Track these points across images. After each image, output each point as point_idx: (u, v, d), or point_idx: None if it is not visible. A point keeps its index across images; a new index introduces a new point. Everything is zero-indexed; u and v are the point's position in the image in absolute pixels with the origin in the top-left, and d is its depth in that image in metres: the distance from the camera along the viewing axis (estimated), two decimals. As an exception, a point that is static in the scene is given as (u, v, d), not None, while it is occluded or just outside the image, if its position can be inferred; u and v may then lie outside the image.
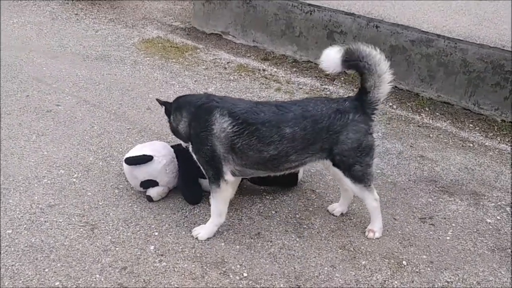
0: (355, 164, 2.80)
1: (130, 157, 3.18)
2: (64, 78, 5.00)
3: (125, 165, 3.22)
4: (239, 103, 2.85)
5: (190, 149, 2.94)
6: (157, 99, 3.20)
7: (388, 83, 2.71)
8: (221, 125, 2.73)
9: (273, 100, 4.58)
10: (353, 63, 2.67)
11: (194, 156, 2.91)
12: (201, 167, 2.89)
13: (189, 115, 2.88)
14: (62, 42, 5.98)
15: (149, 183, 3.18)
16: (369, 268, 2.80)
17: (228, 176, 2.84)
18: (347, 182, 2.88)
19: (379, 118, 4.39)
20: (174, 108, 3.02)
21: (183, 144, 3.18)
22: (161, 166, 3.19)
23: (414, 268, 2.82)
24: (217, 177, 2.82)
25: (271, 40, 5.93)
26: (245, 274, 2.71)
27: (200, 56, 5.85)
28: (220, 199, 2.88)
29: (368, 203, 2.98)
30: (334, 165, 2.84)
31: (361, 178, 2.85)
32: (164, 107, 3.11)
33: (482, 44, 4.48)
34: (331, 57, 2.72)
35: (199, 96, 3.02)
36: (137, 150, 3.24)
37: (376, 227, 3.05)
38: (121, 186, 3.39)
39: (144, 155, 3.16)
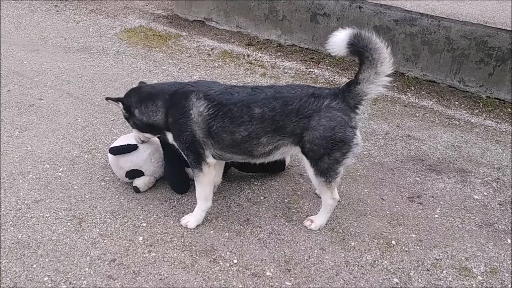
0: (324, 156, 2.66)
1: (114, 146, 3.15)
2: (45, 71, 4.92)
3: (110, 156, 3.18)
4: (213, 85, 2.80)
5: (170, 138, 2.90)
6: (107, 98, 3.04)
7: (382, 85, 2.57)
8: (198, 109, 2.70)
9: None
10: (358, 49, 2.47)
11: (175, 144, 2.88)
12: (182, 153, 2.87)
13: (165, 103, 2.82)
14: (43, 35, 5.88)
15: (134, 173, 3.15)
16: (359, 249, 2.81)
17: (210, 159, 2.81)
18: (310, 172, 2.76)
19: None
20: (137, 101, 2.92)
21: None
22: (146, 155, 3.16)
23: (403, 247, 2.84)
24: (199, 162, 2.80)
25: (254, 25, 5.88)
26: (235, 261, 2.71)
27: (183, 43, 5.79)
28: (205, 183, 2.86)
29: (324, 199, 2.88)
30: (302, 152, 2.74)
31: (325, 172, 2.71)
32: (121, 103, 2.98)
33: (465, 21, 4.48)
34: (338, 39, 2.50)
35: (166, 84, 2.97)
36: (121, 141, 3.20)
37: (317, 220, 2.95)
38: (107, 178, 3.36)
39: (128, 144, 3.13)
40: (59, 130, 3.91)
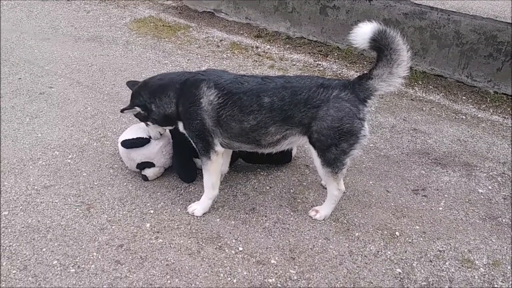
0: (331, 146, 2.67)
1: (127, 140, 3.16)
2: (56, 60, 4.97)
3: (121, 148, 3.21)
4: (224, 74, 2.82)
5: (181, 127, 2.93)
6: (122, 110, 3.04)
7: (393, 85, 2.61)
8: (208, 97, 2.73)
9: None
10: (379, 46, 2.50)
11: (185, 132, 2.91)
12: (191, 141, 2.90)
13: (176, 92, 2.84)
14: (53, 24, 5.93)
15: (145, 165, 3.19)
16: (363, 240, 2.84)
17: (218, 147, 2.85)
18: (317, 162, 2.77)
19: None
20: (150, 96, 2.91)
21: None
22: (158, 148, 3.19)
23: (407, 238, 2.87)
24: (207, 150, 2.84)
25: (264, 17, 5.89)
26: (240, 248, 2.75)
27: (192, 34, 5.81)
28: (212, 171, 2.90)
29: (330, 189, 2.90)
30: (310, 142, 2.74)
31: (331, 162, 2.71)
32: (137, 107, 2.96)
33: (475, 15, 4.46)
34: (362, 32, 2.51)
35: (175, 74, 2.98)
36: (132, 132, 3.23)
37: (322, 211, 2.97)
38: (116, 166, 3.41)
39: (141, 137, 3.15)
40: (68, 118, 3.96)
